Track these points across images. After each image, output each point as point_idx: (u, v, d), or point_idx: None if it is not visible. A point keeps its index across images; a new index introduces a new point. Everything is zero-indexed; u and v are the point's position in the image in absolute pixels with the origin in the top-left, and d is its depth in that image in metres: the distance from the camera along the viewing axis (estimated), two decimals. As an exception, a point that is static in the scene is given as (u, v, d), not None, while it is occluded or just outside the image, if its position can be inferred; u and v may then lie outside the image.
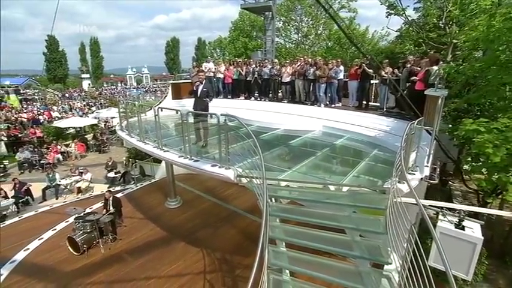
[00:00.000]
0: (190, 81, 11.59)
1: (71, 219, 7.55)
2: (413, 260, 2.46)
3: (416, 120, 4.53)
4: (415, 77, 6.53)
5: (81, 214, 7.08)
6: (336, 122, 8.27)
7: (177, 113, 5.39)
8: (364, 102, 8.88)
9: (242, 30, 27.51)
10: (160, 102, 10.65)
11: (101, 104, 33.37)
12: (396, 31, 17.51)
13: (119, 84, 61.07)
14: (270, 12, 12.92)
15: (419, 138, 4.93)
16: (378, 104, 9.06)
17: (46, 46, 50.75)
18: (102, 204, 7.83)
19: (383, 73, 7.98)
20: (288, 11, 25.05)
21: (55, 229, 7.65)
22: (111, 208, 7.39)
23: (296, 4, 24.41)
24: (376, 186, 4.57)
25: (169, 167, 8.83)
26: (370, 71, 8.33)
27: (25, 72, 53.71)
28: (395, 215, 3.23)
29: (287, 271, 3.86)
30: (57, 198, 10.73)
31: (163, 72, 65.59)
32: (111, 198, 7.50)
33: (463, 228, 3.58)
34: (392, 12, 14.33)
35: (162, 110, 5.87)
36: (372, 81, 9.29)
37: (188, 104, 9.44)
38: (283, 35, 27.03)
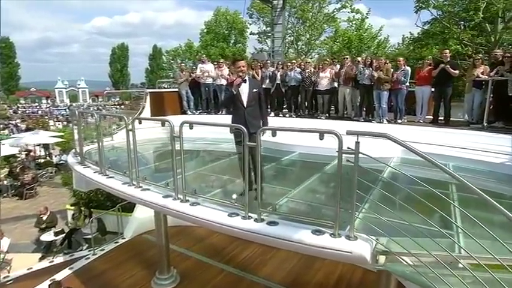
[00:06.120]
0: (176, 90, 9.54)
1: None
2: None
3: None
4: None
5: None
6: (416, 144, 6.59)
7: (231, 132, 3.11)
8: (441, 117, 7.46)
9: (217, 34, 25.94)
10: (133, 121, 7.94)
11: (16, 125, 28.69)
12: (426, 29, 16.89)
13: (44, 101, 55.61)
14: (281, 0, 11.31)
15: None
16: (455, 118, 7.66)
17: None
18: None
19: (478, 73, 6.63)
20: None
21: None
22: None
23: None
24: None
25: (161, 219, 6.19)
26: (456, 72, 6.96)
27: None
28: None
29: None
30: None
31: (107, 87, 61.17)
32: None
33: None
34: (424, 5, 13.85)
35: (191, 128, 3.49)
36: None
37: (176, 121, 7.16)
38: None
